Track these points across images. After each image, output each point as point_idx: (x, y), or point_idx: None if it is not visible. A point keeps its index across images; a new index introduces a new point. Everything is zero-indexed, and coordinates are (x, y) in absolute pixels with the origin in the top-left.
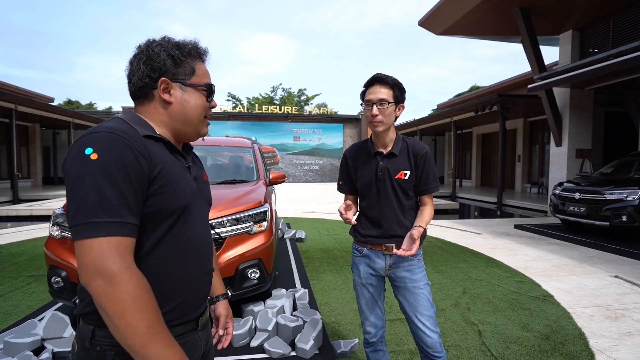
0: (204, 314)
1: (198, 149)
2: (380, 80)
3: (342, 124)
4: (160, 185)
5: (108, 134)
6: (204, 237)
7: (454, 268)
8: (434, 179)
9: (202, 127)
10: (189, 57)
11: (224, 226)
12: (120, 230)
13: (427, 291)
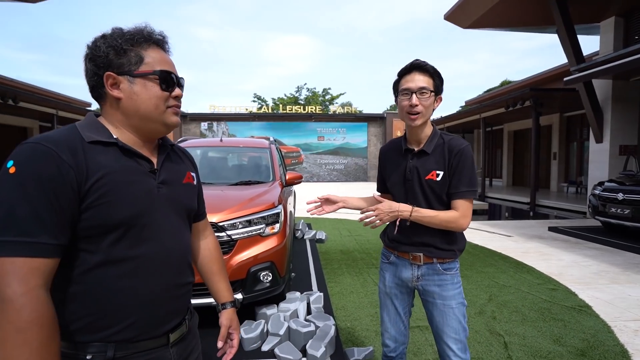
0: (178, 329)
1: (215, 149)
2: (419, 67)
3: (366, 122)
4: (98, 196)
5: (33, 145)
6: (172, 248)
7: (479, 273)
8: (469, 182)
9: (167, 118)
10: (134, 44)
11: (236, 228)
12: (26, 251)
13: (460, 312)
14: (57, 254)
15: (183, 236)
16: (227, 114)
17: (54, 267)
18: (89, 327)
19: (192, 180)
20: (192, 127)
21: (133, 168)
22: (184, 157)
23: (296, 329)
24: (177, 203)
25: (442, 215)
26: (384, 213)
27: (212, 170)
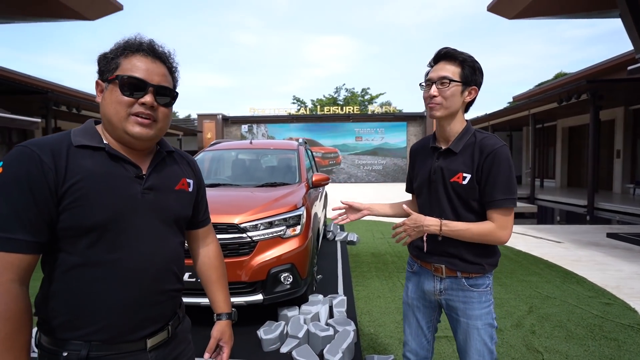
0: (156, 334)
1: (245, 152)
2: (447, 56)
3: (405, 122)
4: (73, 199)
5: (20, 149)
6: (152, 255)
7: (520, 282)
8: (506, 189)
9: (127, 126)
10: (119, 53)
11: (257, 229)
12: (2, 246)
13: (487, 334)
14: (33, 251)
15: (168, 243)
16: (266, 116)
17: (31, 263)
18: (67, 325)
19: (187, 187)
20: (233, 129)
21: (116, 173)
22: (183, 163)
23: (315, 332)
24: (163, 209)
25: (476, 229)
26: (410, 228)
27: (240, 172)
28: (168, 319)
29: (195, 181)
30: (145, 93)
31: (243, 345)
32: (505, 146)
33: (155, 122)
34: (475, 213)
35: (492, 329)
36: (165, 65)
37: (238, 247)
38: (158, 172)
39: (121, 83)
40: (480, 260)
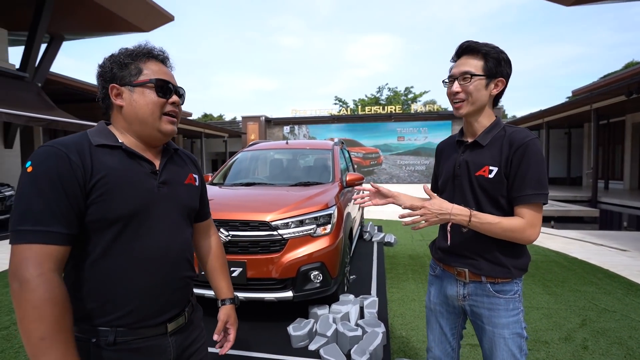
0: (176, 319)
1: (281, 152)
2: (469, 50)
3: (450, 121)
4: (99, 194)
5: (48, 148)
6: (170, 244)
7: (574, 291)
8: (537, 184)
9: (161, 125)
10: (135, 59)
11: (288, 227)
12: (41, 239)
13: (515, 344)
14: (67, 242)
15: (182, 233)
16: (308, 117)
17: (65, 253)
18: (95, 312)
19: (194, 182)
20: (275, 130)
21: (135, 169)
22: (187, 160)
23: (343, 332)
24: (177, 201)
25: (506, 223)
26: (432, 213)
27: (275, 171)
28: (184, 305)
29: (199, 176)
30: (173, 94)
31: (273, 340)
32: (537, 139)
33: (177, 120)
34: (502, 210)
35: (521, 340)
36: (169, 68)
37: (269, 245)
38: (169, 168)
39: (157, 86)
40: (507, 263)
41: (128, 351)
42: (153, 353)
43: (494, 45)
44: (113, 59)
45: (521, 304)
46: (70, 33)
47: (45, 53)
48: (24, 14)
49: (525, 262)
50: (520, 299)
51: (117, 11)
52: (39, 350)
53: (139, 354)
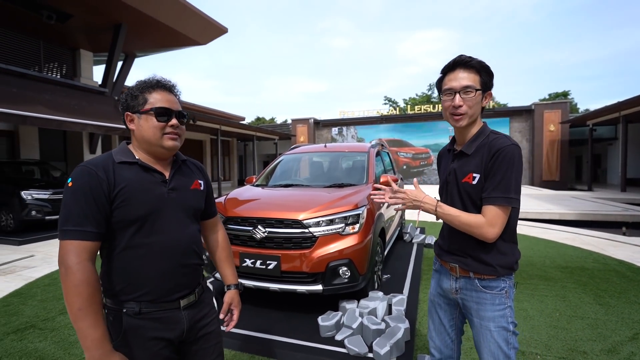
0: (187, 297)
1: (318, 155)
2: (463, 64)
3: (508, 117)
4: (120, 201)
5: (82, 168)
6: (178, 238)
7: (631, 304)
8: (502, 187)
9: (163, 142)
10: (143, 91)
11: (319, 226)
12: (79, 236)
13: (501, 337)
14: (98, 239)
15: (189, 229)
16: (356, 118)
17: (96, 247)
18: (123, 290)
19: (199, 187)
20: (324, 132)
21: (148, 179)
22: (194, 169)
23: (367, 325)
24: (184, 204)
25: (465, 217)
26: (408, 199)
27: (311, 173)
28: (194, 287)
29: (205, 182)
30: (171, 117)
31: (303, 329)
32: (514, 146)
33: (179, 137)
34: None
35: (507, 333)
36: (174, 94)
37: (301, 241)
38: (177, 177)
39: (156, 113)
40: (491, 262)
41: (150, 320)
42: (170, 322)
43: (481, 60)
44: (128, 92)
45: (509, 300)
46: (141, 51)
47: (121, 69)
48: (105, 38)
49: (510, 262)
50: (507, 295)
51: (179, 29)
52: (77, 317)
53: (159, 322)
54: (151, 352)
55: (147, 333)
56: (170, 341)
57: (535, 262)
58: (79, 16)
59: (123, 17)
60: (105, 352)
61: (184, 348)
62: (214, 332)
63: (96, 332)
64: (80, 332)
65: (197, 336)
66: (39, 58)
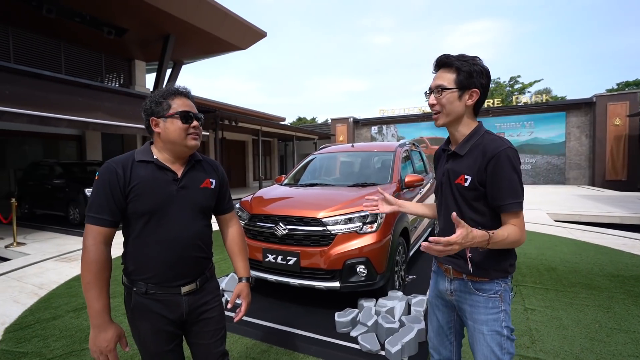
0: (188, 285)
1: (345, 154)
2: (442, 64)
3: (564, 112)
4: (134, 195)
5: (106, 164)
6: (182, 232)
7: None
8: (512, 192)
9: (187, 142)
10: (166, 97)
11: (337, 224)
12: (97, 222)
13: (494, 341)
14: (112, 225)
15: (194, 224)
16: (395, 117)
17: (111, 233)
18: (134, 272)
19: (210, 185)
20: (363, 131)
21: (161, 177)
22: (209, 168)
23: (381, 323)
24: (191, 201)
25: (512, 236)
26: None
27: (336, 173)
28: (197, 277)
29: (218, 180)
30: (193, 120)
31: (320, 323)
32: (510, 149)
33: (199, 136)
34: (480, 214)
35: (501, 338)
36: (190, 99)
37: (319, 239)
38: (188, 176)
39: (181, 116)
40: (484, 265)
41: (154, 300)
42: (171, 304)
43: (468, 57)
44: (151, 99)
45: (504, 304)
46: (187, 58)
47: (170, 76)
48: (155, 48)
49: (503, 265)
50: (502, 299)
51: (221, 35)
52: (86, 289)
53: (162, 303)
54: (155, 326)
55: (151, 310)
56: (172, 320)
57: (581, 269)
58: (133, 30)
59: (171, 29)
60: (104, 322)
61: (186, 327)
62: (214, 318)
63: (98, 304)
64: (87, 301)
65: (197, 319)
66: (101, 69)
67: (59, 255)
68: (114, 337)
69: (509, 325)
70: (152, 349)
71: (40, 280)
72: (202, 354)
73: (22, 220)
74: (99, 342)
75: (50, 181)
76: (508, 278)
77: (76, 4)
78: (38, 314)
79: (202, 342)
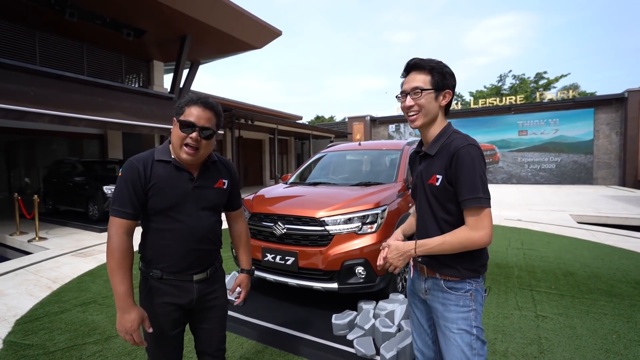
0: (200, 274)
1: (352, 153)
2: (415, 67)
3: (592, 108)
4: (152, 193)
5: (129, 162)
6: (195, 227)
7: None
8: (471, 188)
9: (180, 152)
10: (187, 104)
11: (335, 224)
12: (120, 215)
13: (463, 341)
14: (133, 218)
15: (206, 220)
16: None
17: (132, 225)
18: (151, 260)
19: (222, 186)
20: (380, 129)
21: (177, 177)
22: (223, 169)
23: (377, 327)
24: (204, 199)
25: (451, 239)
26: (395, 259)
27: (340, 172)
28: (207, 267)
29: (230, 181)
30: (193, 131)
31: (319, 325)
32: (471, 146)
33: (198, 150)
34: (452, 215)
35: (471, 337)
36: (213, 112)
37: (317, 239)
38: (203, 176)
39: (180, 124)
40: (454, 265)
41: (169, 285)
42: (183, 290)
43: (438, 60)
44: (180, 103)
45: (474, 304)
46: (203, 58)
47: (187, 76)
48: (173, 49)
49: (474, 265)
50: (473, 299)
51: (236, 35)
52: (110, 274)
53: (175, 288)
54: (164, 311)
55: (165, 294)
56: (181, 306)
57: (602, 274)
58: (151, 31)
59: (187, 29)
60: (127, 304)
61: (193, 314)
62: (219, 305)
63: (122, 288)
64: (112, 286)
65: (204, 306)
66: (121, 70)
67: (76, 250)
68: (136, 318)
69: (479, 326)
70: (157, 332)
71: (55, 274)
72: (207, 337)
73: (46, 216)
74: (124, 322)
75: (72, 178)
76: (480, 278)
77: (97, 8)
78: (48, 307)
79: (208, 327)
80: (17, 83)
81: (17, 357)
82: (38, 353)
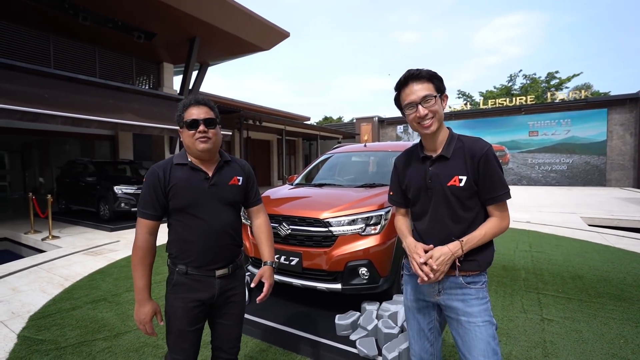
0: (222, 269)
1: (357, 154)
2: (414, 77)
3: (606, 108)
4: (172, 194)
5: (152, 169)
6: (214, 223)
7: None
8: (502, 185)
9: (197, 145)
10: (183, 111)
11: (339, 225)
12: (144, 216)
13: (487, 332)
14: (156, 219)
15: (225, 216)
16: None
17: (155, 225)
18: (177, 256)
19: (237, 182)
20: (388, 130)
21: (194, 177)
22: (236, 167)
23: (380, 328)
24: (221, 197)
25: (488, 230)
26: (443, 265)
27: (345, 173)
28: (229, 262)
29: (245, 178)
30: (199, 125)
31: (323, 325)
32: (492, 147)
33: (210, 139)
34: (471, 210)
35: (492, 327)
36: (207, 106)
37: (321, 240)
38: (218, 175)
39: (187, 125)
40: (475, 257)
41: (193, 280)
42: (206, 285)
43: (428, 69)
44: (177, 112)
45: (488, 294)
46: (212, 60)
47: (196, 78)
48: (182, 51)
49: (490, 256)
50: (485, 289)
51: (244, 37)
52: (133, 269)
53: (199, 283)
54: (187, 306)
55: (188, 291)
56: (203, 302)
57: (612, 278)
58: (161, 34)
59: (196, 31)
60: (143, 298)
61: (213, 310)
62: (238, 302)
63: (141, 282)
64: (133, 279)
65: (225, 302)
66: (132, 72)
67: (87, 249)
68: (150, 311)
69: (492, 315)
70: (178, 326)
71: (67, 272)
72: (224, 333)
73: (60, 215)
74: (139, 314)
75: (84, 179)
76: (487, 270)
77: (108, 11)
78: (60, 304)
79: (227, 322)
80: (33, 86)
81: (30, 351)
82: (50, 348)
